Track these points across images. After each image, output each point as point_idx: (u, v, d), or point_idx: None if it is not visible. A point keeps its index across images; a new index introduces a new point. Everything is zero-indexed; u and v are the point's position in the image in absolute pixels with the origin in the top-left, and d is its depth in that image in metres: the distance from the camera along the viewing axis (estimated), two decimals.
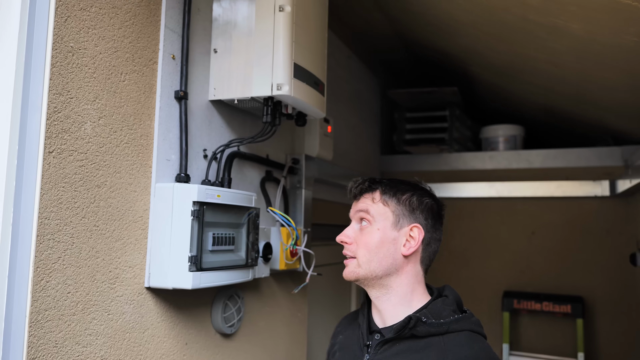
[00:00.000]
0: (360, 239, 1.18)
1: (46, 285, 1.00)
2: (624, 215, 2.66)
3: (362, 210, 1.19)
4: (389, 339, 1.12)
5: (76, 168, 1.08)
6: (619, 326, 2.67)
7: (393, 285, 1.16)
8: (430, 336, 1.08)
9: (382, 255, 1.15)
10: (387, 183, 1.20)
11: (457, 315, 1.11)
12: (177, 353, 1.35)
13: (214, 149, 1.48)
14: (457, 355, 1.04)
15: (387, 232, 1.15)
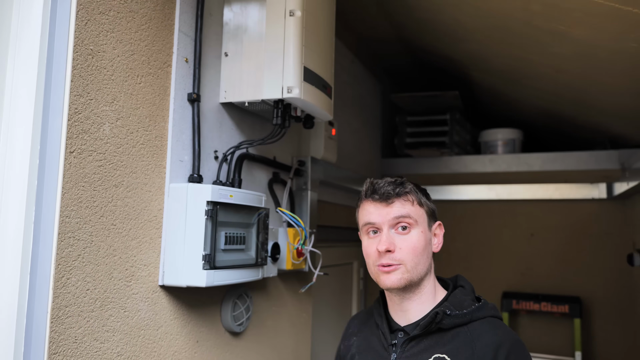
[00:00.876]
0: (405, 244, 1.13)
1: (67, 282, 1.03)
2: (621, 217, 2.70)
3: (403, 216, 1.14)
4: (415, 336, 1.14)
5: (95, 168, 1.10)
6: (615, 325, 2.71)
7: (426, 284, 1.18)
8: (456, 327, 1.12)
9: (425, 257, 1.16)
10: (414, 185, 1.21)
11: (478, 304, 1.15)
12: (189, 350, 1.37)
13: (225, 150, 1.51)
14: (484, 342, 1.08)
15: (427, 234, 1.18)
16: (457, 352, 1.09)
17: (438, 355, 1.10)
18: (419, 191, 1.20)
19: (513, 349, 1.08)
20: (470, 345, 1.09)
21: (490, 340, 1.09)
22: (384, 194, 1.15)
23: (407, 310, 1.18)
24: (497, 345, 1.08)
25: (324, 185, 2.21)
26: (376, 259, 1.14)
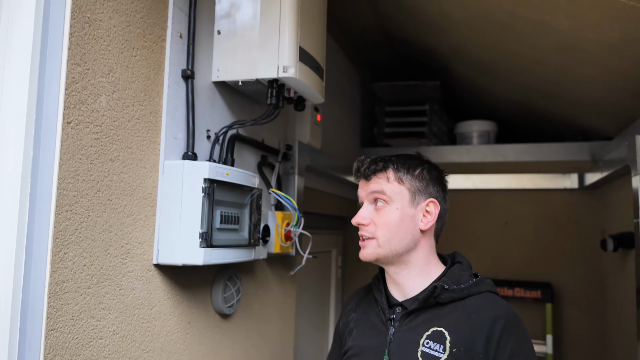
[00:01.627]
0: (379, 220, 1.18)
1: (64, 256, 0.99)
2: (591, 206, 2.80)
3: (377, 192, 1.19)
4: (413, 310, 1.15)
5: (92, 141, 1.07)
6: (583, 309, 2.82)
7: (412, 260, 1.19)
8: (453, 302, 1.14)
9: (402, 233, 1.17)
10: (397, 160, 1.21)
11: (475, 279, 1.17)
12: (181, 331, 1.35)
13: (217, 130, 1.48)
14: (481, 315, 1.10)
15: (406, 210, 1.17)
16: (454, 325, 1.11)
17: (435, 329, 1.11)
18: (403, 169, 1.19)
19: (510, 322, 1.10)
20: (467, 318, 1.11)
21: (487, 314, 1.11)
22: (364, 172, 1.23)
23: (401, 285, 1.20)
24: (494, 318, 1.10)
25: (308, 171, 2.21)
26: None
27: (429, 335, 1.12)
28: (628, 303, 2.23)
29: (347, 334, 1.29)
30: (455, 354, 1.08)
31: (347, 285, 3.18)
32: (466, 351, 1.08)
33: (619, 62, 1.80)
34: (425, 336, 1.12)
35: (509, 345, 1.07)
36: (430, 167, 1.23)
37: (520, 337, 1.10)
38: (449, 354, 1.08)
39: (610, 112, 2.40)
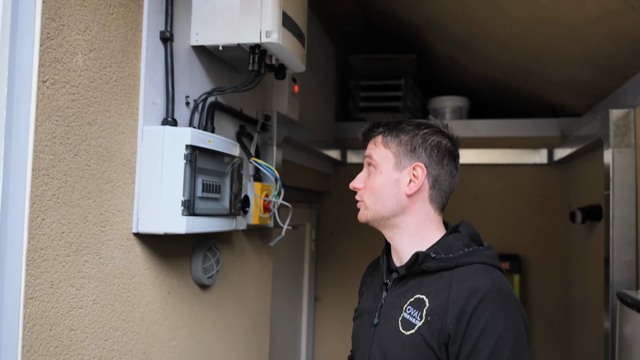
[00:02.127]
0: (367, 184, 1.21)
1: (42, 222, 0.95)
2: (558, 181, 2.88)
3: (367, 156, 1.22)
4: (402, 276, 1.16)
5: (69, 102, 1.01)
6: (548, 280, 2.92)
7: (402, 225, 1.18)
8: (441, 271, 1.10)
9: (385, 197, 1.17)
10: (390, 126, 1.21)
11: (468, 250, 1.11)
12: (161, 302, 1.32)
13: (196, 96, 1.44)
14: (460, 287, 1.05)
15: (389, 174, 1.17)
16: (435, 294, 1.08)
17: (418, 296, 1.11)
18: (392, 134, 1.19)
19: (488, 296, 1.02)
20: (447, 289, 1.06)
21: (467, 286, 1.04)
22: (361, 137, 1.27)
23: (397, 250, 1.20)
24: (472, 290, 1.03)
25: (286, 143, 2.18)
26: None
27: (411, 302, 1.12)
28: (592, 273, 2.31)
29: (360, 296, 1.34)
30: (429, 322, 1.05)
31: (320, 259, 3.20)
32: (439, 321, 1.04)
33: (596, 38, 1.83)
34: (408, 302, 1.12)
35: (483, 319, 1.00)
36: (431, 133, 1.18)
37: (495, 313, 1.01)
38: (424, 321, 1.06)
39: (581, 89, 2.45)
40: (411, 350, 1.07)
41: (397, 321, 1.12)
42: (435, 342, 1.04)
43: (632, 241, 1.73)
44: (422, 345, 1.05)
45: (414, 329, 1.08)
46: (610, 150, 1.80)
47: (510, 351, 1.00)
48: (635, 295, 1.49)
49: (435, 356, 1.04)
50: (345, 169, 3.18)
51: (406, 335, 1.08)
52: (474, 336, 1.00)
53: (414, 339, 1.07)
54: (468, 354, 1.00)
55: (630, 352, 1.46)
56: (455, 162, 1.21)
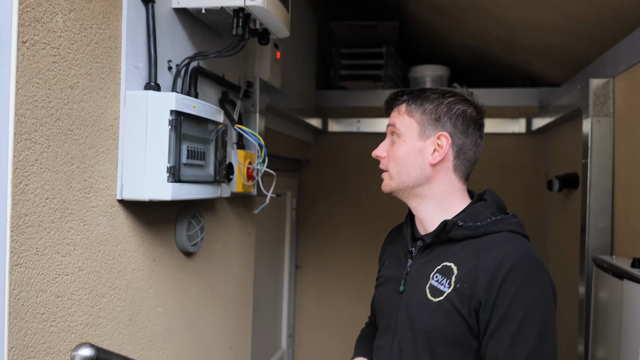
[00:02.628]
0: (391, 153, 1.19)
1: (25, 188, 0.93)
2: (536, 150, 2.93)
3: (390, 125, 1.21)
4: (429, 244, 1.16)
5: (50, 64, 0.98)
6: None
7: (427, 194, 1.17)
8: (468, 239, 1.10)
9: (409, 166, 1.16)
10: (415, 94, 1.19)
11: (495, 218, 1.12)
12: (146, 269, 1.32)
13: (178, 61, 1.40)
14: (489, 255, 1.05)
15: (414, 143, 1.16)
16: (463, 262, 1.08)
17: (445, 264, 1.11)
18: (416, 103, 1.17)
19: (518, 263, 1.03)
20: (476, 256, 1.07)
21: (497, 253, 1.05)
22: (385, 106, 1.26)
23: (422, 220, 1.20)
24: (502, 258, 1.04)
25: (268, 111, 2.16)
26: None
27: (439, 269, 1.12)
28: (568, 240, 2.38)
29: (381, 263, 1.35)
30: (459, 290, 1.06)
31: (301, 227, 3.22)
32: (469, 287, 1.05)
33: (576, 6, 1.84)
34: (436, 270, 1.12)
35: (514, 286, 1.01)
36: (456, 102, 1.17)
37: (526, 280, 1.02)
38: (453, 289, 1.07)
39: (560, 59, 2.47)
40: (440, 317, 1.08)
41: (425, 288, 1.12)
42: (465, 309, 1.05)
43: (608, 208, 1.78)
44: (452, 312, 1.06)
45: (442, 296, 1.08)
46: (589, 119, 1.84)
47: (541, 316, 1.02)
48: (611, 260, 1.55)
49: (465, 322, 1.05)
50: (326, 137, 3.17)
51: (434, 302, 1.09)
52: (505, 303, 1.02)
53: (442, 306, 1.08)
54: (500, 320, 1.02)
55: (604, 316, 1.52)
56: (480, 131, 1.21)
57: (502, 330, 1.02)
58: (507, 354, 1.01)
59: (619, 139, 1.78)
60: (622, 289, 1.39)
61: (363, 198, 3.14)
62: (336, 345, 3.10)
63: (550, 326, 1.02)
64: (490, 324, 1.03)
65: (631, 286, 1.34)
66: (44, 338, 0.97)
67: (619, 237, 1.75)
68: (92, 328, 1.11)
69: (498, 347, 1.02)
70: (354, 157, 3.16)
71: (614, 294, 1.45)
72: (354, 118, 3.12)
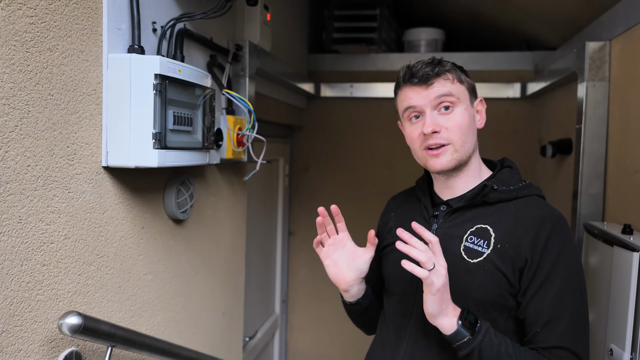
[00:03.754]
0: (451, 124, 1.11)
1: (5, 155, 0.90)
2: (530, 115, 2.91)
3: (444, 94, 1.11)
4: (458, 208, 1.16)
5: (26, 25, 0.94)
6: None
7: (472, 162, 1.18)
8: (500, 202, 1.14)
9: (472, 134, 1.15)
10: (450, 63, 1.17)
11: (524, 183, 1.17)
12: (135, 236, 1.30)
13: (163, 23, 1.35)
14: (530, 214, 1.11)
15: (470, 111, 1.16)
16: (500, 223, 1.12)
17: (480, 226, 1.13)
18: (457, 68, 1.16)
19: (558, 223, 1.10)
20: (515, 217, 1.11)
21: (536, 214, 1.11)
22: (423, 76, 1.12)
23: (453, 187, 1.19)
24: (542, 218, 1.10)
25: (258, 75, 2.11)
26: (422, 143, 1.14)
27: (472, 231, 1.13)
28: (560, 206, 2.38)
29: (386, 232, 1.31)
30: (500, 250, 1.09)
31: (293, 194, 3.21)
32: (512, 248, 1.08)
33: None
34: (469, 232, 1.13)
35: (557, 245, 1.07)
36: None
37: (567, 241, 1.10)
38: (493, 249, 1.09)
39: (557, 21, 2.42)
40: (481, 277, 1.09)
41: (459, 250, 1.13)
42: (508, 268, 1.08)
43: (601, 174, 1.77)
44: (494, 271, 1.08)
45: (482, 256, 1.10)
46: (584, 84, 1.80)
47: (580, 275, 1.09)
48: (602, 226, 1.55)
49: (507, 281, 1.08)
50: (319, 102, 3.13)
51: (473, 263, 1.10)
52: (550, 261, 1.07)
53: (483, 266, 1.09)
54: (545, 277, 1.06)
55: (594, 281, 1.53)
56: None
57: (547, 287, 1.06)
58: (555, 308, 1.05)
59: (614, 104, 1.76)
60: (612, 255, 1.39)
61: (356, 164, 3.12)
62: (329, 310, 3.14)
63: (584, 284, 1.10)
64: (533, 282, 1.07)
65: (621, 252, 1.34)
66: (30, 307, 0.96)
67: (611, 203, 1.75)
68: (80, 296, 1.11)
69: (543, 303, 1.06)
70: (347, 123, 3.12)
71: (604, 260, 1.46)
72: (347, 83, 3.07)
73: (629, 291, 1.28)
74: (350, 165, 3.13)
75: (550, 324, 1.05)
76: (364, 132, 3.10)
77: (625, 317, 1.28)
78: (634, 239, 1.34)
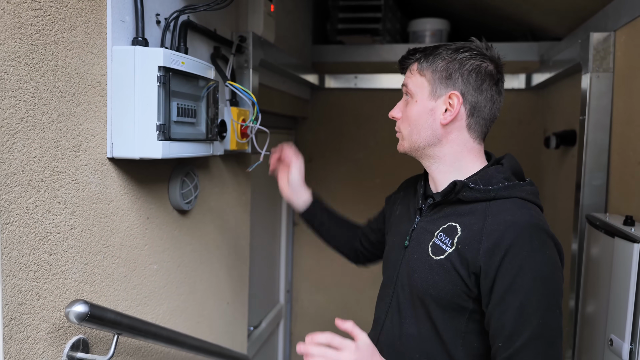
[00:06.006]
0: (403, 114, 1.18)
1: (12, 147, 0.91)
2: (535, 106, 2.90)
3: (403, 85, 1.19)
4: (437, 203, 1.16)
5: (31, 19, 0.95)
6: None
7: (439, 155, 1.16)
8: (477, 202, 1.08)
9: (420, 127, 1.14)
10: (428, 51, 1.15)
11: (508, 183, 1.09)
12: (140, 227, 1.32)
13: (167, 15, 1.36)
14: (497, 219, 1.03)
15: (425, 103, 1.14)
16: (469, 224, 1.07)
17: (451, 224, 1.11)
18: (428, 61, 1.13)
19: (526, 231, 1.00)
20: (482, 220, 1.05)
21: (504, 219, 1.02)
22: (399, 66, 1.23)
23: (434, 180, 1.20)
24: (509, 224, 1.01)
25: (261, 66, 2.11)
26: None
27: (444, 228, 1.12)
28: (563, 197, 2.39)
29: (391, 213, 1.38)
30: (459, 250, 1.06)
31: None
32: (471, 250, 1.04)
33: None
34: (441, 229, 1.12)
35: (520, 255, 0.99)
36: (469, 57, 1.12)
37: (534, 249, 0.99)
38: (454, 249, 1.07)
39: (563, 11, 2.41)
40: (438, 275, 1.08)
41: (428, 246, 1.13)
42: (464, 270, 1.04)
43: (604, 166, 1.77)
44: (451, 271, 1.06)
45: (443, 255, 1.08)
46: (588, 75, 1.80)
47: (549, 287, 0.99)
48: (604, 217, 1.55)
49: (463, 282, 1.05)
50: (323, 94, 3.13)
51: (435, 260, 1.10)
52: (513, 272, 0.99)
53: (442, 265, 1.08)
54: (507, 289, 0.99)
55: (595, 272, 1.54)
56: (497, 86, 1.15)
57: (509, 299, 0.99)
58: (515, 324, 0.98)
59: (618, 95, 1.75)
60: (614, 247, 1.40)
61: (360, 156, 3.13)
62: (333, 300, 3.16)
63: (557, 296, 1.00)
64: (495, 292, 1.01)
65: (622, 244, 1.35)
66: (38, 295, 0.98)
67: (613, 194, 1.75)
68: (87, 285, 1.13)
69: (505, 316, 0.99)
70: (351, 114, 3.12)
71: (606, 251, 1.47)
72: (352, 74, 3.07)
73: (629, 282, 1.28)
74: (354, 157, 3.14)
75: (512, 338, 0.99)
76: (368, 123, 3.10)
77: (625, 307, 1.29)
78: (635, 230, 1.34)
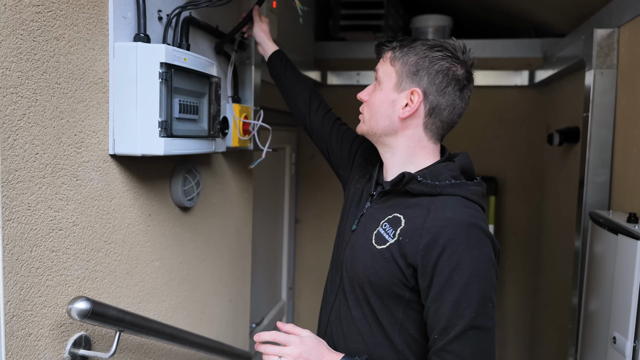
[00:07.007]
0: (370, 98, 1.21)
1: (14, 143, 0.91)
2: (538, 103, 2.89)
3: (375, 70, 1.21)
4: (387, 192, 1.18)
5: (33, 15, 0.95)
6: (522, 200, 3.01)
7: (393, 146, 1.17)
8: (423, 196, 1.10)
9: (379, 115, 1.16)
10: (404, 43, 1.14)
11: (455, 181, 1.10)
12: (142, 223, 1.32)
13: (169, 11, 1.36)
14: (438, 215, 1.05)
15: (388, 93, 1.14)
16: (413, 217, 1.09)
17: (396, 215, 1.12)
18: (402, 52, 1.13)
19: (464, 229, 1.03)
20: (425, 215, 1.07)
21: (444, 216, 1.05)
22: (375, 51, 1.24)
23: (386, 168, 1.22)
24: (448, 222, 1.03)
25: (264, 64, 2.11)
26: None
27: (389, 218, 1.13)
28: (566, 194, 2.38)
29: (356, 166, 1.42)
30: (400, 242, 1.07)
31: (300, 182, 3.22)
32: (411, 244, 1.06)
33: None
34: (387, 219, 1.14)
35: (458, 252, 1.01)
36: (441, 58, 1.10)
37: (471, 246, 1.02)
38: (396, 240, 1.08)
39: (566, 7, 2.39)
40: (379, 264, 1.10)
41: (372, 234, 1.15)
42: (402, 262, 1.07)
43: (607, 163, 1.76)
44: (390, 261, 1.09)
45: (385, 245, 1.10)
46: (592, 71, 1.79)
47: (483, 282, 1.01)
48: (607, 214, 1.55)
49: (401, 273, 1.07)
50: (325, 90, 3.12)
51: (377, 249, 1.12)
52: (449, 268, 1.01)
53: (383, 254, 1.10)
54: (443, 284, 1.02)
55: (598, 269, 1.54)
56: (461, 92, 1.13)
57: (445, 294, 1.01)
58: (450, 317, 1.01)
59: (622, 91, 1.74)
60: (617, 244, 1.39)
61: None
62: None
63: (490, 290, 1.03)
64: (433, 287, 1.03)
65: (625, 241, 1.34)
66: (40, 292, 0.98)
67: (617, 191, 1.74)
68: (89, 282, 1.13)
69: (441, 310, 1.02)
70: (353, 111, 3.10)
71: (609, 249, 1.46)
72: (354, 70, 3.06)
73: (633, 280, 1.28)
74: None
75: (447, 330, 1.01)
76: None
77: (628, 305, 1.29)
78: (639, 227, 1.34)
